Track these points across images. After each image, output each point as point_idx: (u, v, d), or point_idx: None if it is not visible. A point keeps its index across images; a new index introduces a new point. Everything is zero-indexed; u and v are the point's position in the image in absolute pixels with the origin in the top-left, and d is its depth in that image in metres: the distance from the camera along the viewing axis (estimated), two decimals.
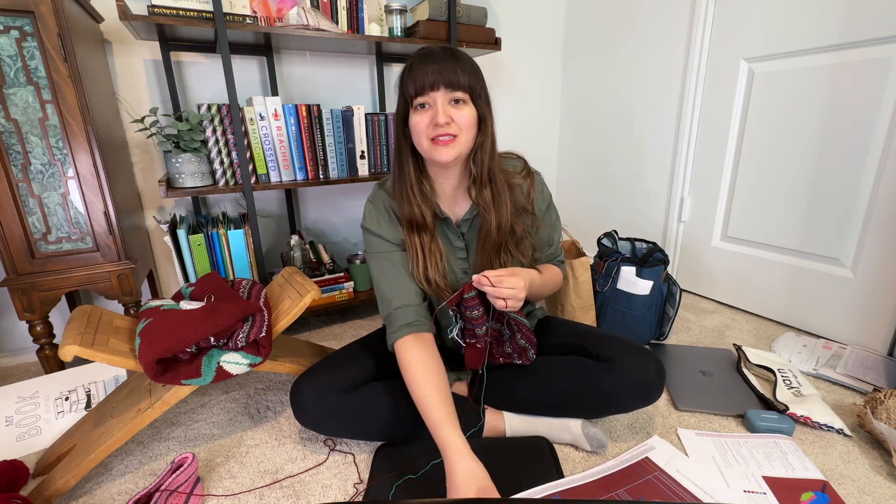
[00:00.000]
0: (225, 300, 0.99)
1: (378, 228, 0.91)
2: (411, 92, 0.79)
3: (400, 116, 0.85)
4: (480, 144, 0.84)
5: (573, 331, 1.02)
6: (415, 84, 0.78)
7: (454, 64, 0.78)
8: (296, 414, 0.91)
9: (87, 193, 1.09)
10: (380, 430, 0.92)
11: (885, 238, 1.23)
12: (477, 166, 0.85)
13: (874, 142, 1.22)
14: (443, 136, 0.79)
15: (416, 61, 0.80)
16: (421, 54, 0.81)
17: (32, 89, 1.00)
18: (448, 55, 0.80)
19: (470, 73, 0.80)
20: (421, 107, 0.80)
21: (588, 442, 0.92)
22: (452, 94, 0.79)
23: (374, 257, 0.93)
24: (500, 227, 0.88)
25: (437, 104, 0.78)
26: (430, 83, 0.77)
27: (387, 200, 0.93)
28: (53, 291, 1.11)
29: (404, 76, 0.81)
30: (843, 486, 0.84)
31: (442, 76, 0.77)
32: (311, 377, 0.92)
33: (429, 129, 0.79)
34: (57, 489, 0.80)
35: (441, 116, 0.77)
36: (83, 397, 1.07)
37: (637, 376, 0.89)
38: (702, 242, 1.71)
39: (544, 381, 0.93)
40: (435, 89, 0.78)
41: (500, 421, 0.96)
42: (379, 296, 0.92)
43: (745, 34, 1.46)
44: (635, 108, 1.85)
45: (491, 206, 0.87)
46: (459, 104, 0.80)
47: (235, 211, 1.59)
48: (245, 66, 1.52)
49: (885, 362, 1.21)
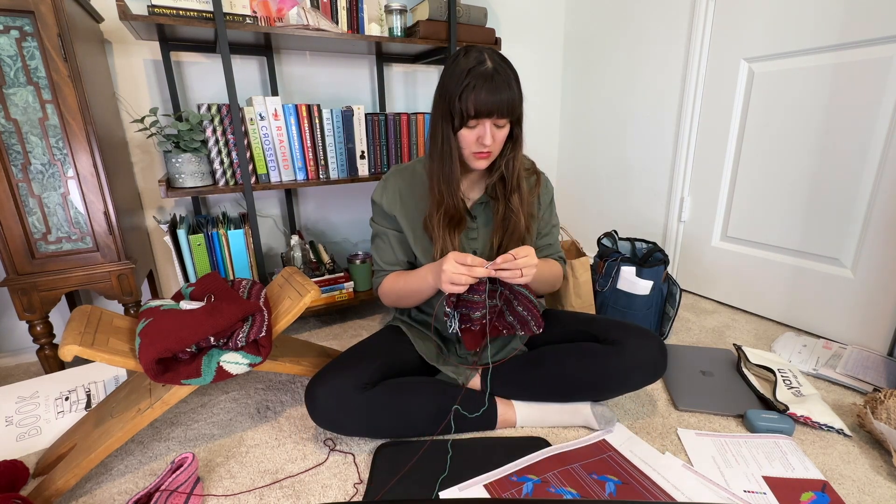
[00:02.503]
0: (225, 300, 0.99)
1: (381, 203, 1.01)
2: (469, 113, 0.84)
3: (447, 116, 0.88)
4: (514, 156, 0.94)
5: (577, 318, 1.09)
6: (475, 110, 0.84)
7: (509, 95, 0.84)
8: (311, 415, 0.91)
9: (87, 193, 1.09)
10: (395, 427, 0.94)
11: (885, 238, 1.23)
12: (509, 173, 0.95)
13: (874, 142, 1.22)
14: (483, 151, 0.89)
15: (477, 83, 0.83)
16: (483, 76, 0.83)
17: (32, 89, 1.00)
18: (505, 84, 0.84)
19: (518, 102, 0.87)
20: (471, 126, 0.87)
21: (597, 421, 0.98)
22: (499, 121, 0.87)
23: (374, 227, 1.06)
24: (527, 224, 0.99)
25: (486, 129, 0.86)
26: (486, 112, 0.84)
27: (401, 185, 1.02)
28: (53, 291, 1.11)
29: (463, 93, 0.84)
30: (843, 486, 0.84)
31: (498, 108, 0.84)
32: (325, 378, 0.92)
33: (474, 144, 0.89)
34: (57, 489, 0.80)
35: (488, 139, 0.87)
36: (83, 397, 1.07)
37: (643, 356, 0.96)
38: (702, 242, 1.71)
39: (554, 367, 0.98)
40: (489, 118, 0.86)
41: (511, 411, 1.00)
42: (373, 256, 1.07)
43: (745, 34, 1.46)
44: (635, 108, 1.85)
45: (520, 210, 0.97)
46: (501, 127, 0.89)
47: (235, 211, 1.59)
48: (245, 66, 1.52)
49: (885, 362, 1.21)
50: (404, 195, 1.01)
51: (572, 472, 0.86)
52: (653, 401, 1.10)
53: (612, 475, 0.85)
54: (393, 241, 1.03)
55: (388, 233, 1.03)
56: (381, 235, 1.04)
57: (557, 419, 1.00)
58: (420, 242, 1.01)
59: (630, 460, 0.90)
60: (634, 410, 1.07)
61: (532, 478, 0.84)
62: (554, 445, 0.93)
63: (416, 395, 0.94)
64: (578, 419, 0.99)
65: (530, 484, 0.82)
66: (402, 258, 1.04)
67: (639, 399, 1.11)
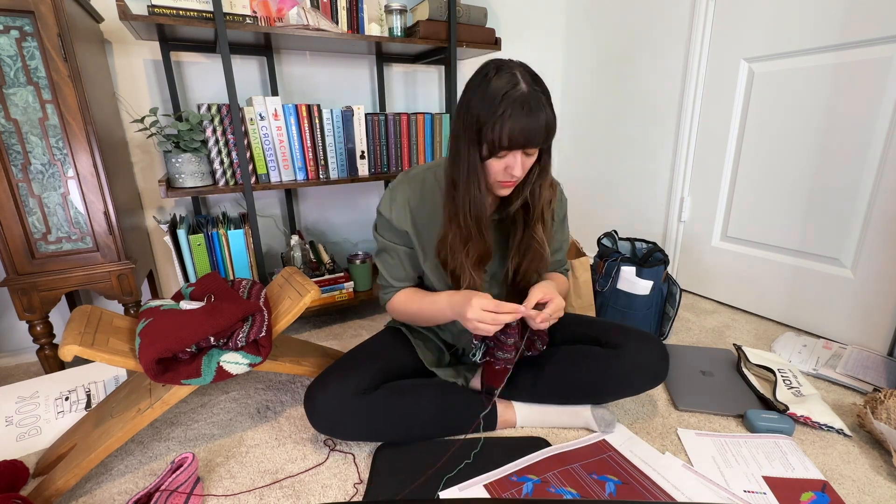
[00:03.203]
0: (225, 300, 0.99)
1: (390, 218, 0.94)
2: (503, 144, 0.77)
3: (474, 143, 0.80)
4: (541, 184, 0.88)
5: (578, 321, 1.07)
6: (509, 141, 0.76)
7: (546, 122, 0.77)
8: (311, 421, 0.90)
9: (87, 193, 1.09)
10: (396, 431, 0.93)
11: (885, 238, 1.23)
12: (535, 200, 0.89)
13: (874, 142, 1.22)
14: (510, 181, 0.83)
15: (513, 112, 0.74)
16: (518, 102, 0.74)
17: (32, 89, 1.00)
18: (541, 111, 0.76)
19: (553, 127, 0.79)
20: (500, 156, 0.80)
21: (597, 423, 0.98)
22: (530, 150, 0.80)
23: (381, 240, 0.99)
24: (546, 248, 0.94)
25: (517, 159, 0.79)
26: (521, 144, 0.77)
27: (410, 197, 0.94)
28: (53, 291, 1.11)
29: (496, 123, 0.75)
30: (843, 486, 0.84)
31: (534, 139, 0.77)
32: (324, 383, 0.91)
33: (502, 173, 0.82)
34: (57, 489, 0.80)
35: (518, 170, 0.80)
36: (83, 397, 1.07)
37: (644, 360, 0.95)
38: (702, 242, 1.71)
39: (556, 370, 0.98)
40: (523, 148, 0.78)
41: (511, 412, 1.00)
42: (380, 269, 1.01)
43: (745, 34, 1.46)
44: (635, 108, 1.85)
45: (544, 241, 0.92)
46: (531, 155, 0.82)
47: (235, 211, 1.59)
48: (245, 66, 1.52)
49: (885, 362, 1.21)
50: (415, 209, 0.94)
51: (572, 472, 0.86)
52: (653, 401, 1.10)
53: (612, 475, 0.85)
54: (403, 256, 0.97)
55: (398, 249, 0.97)
56: (390, 251, 0.97)
57: (557, 420, 1.00)
58: (432, 263, 0.96)
59: (630, 460, 0.90)
60: (634, 410, 1.07)
61: (532, 478, 0.84)
62: (554, 445, 0.94)
63: (416, 398, 0.94)
64: (579, 421, 0.99)
65: (530, 484, 0.82)
66: (413, 274, 1.00)
67: (639, 399, 1.11)
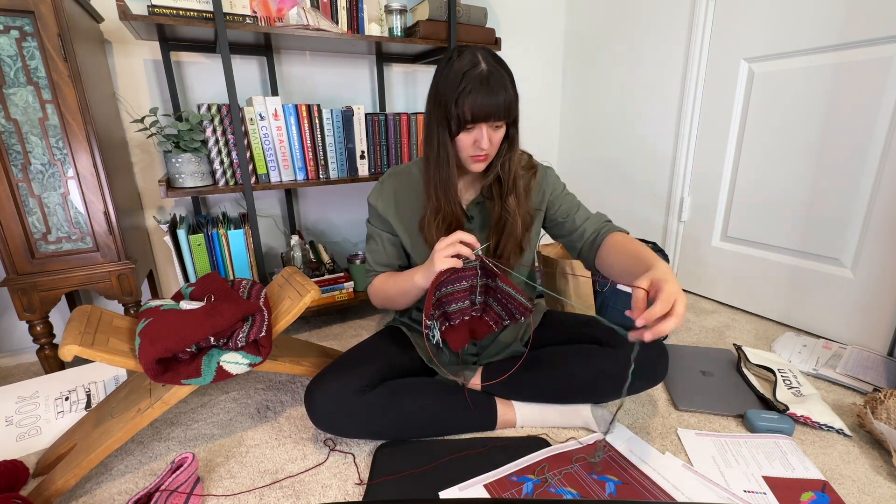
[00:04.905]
0: (225, 300, 0.99)
1: (376, 206, 1.01)
2: (466, 118, 0.83)
3: (442, 121, 0.86)
4: (510, 157, 0.92)
5: (577, 320, 1.08)
6: (471, 115, 0.83)
7: (505, 97, 0.83)
8: (311, 418, 0.91)
9: (87, 193, 1.09)
10: (395, 429, 0.94)
11: (885, 238, 1.23)
12: (505, 174, 0.93)
13: (874, 142, 1.22)
14: (480, 155, 0.88)
15: (473, 87, 0.81)
16: (478, 79, 0.81)
17: (32, 89, 1.00)
18: (501, 86, 0.82)
19: (514, 103, 0.86)
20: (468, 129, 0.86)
21: (597, 423, 0.98)
22: (496, 123, 0.86)
23: (369, 227, 1.06)
24: (524, 226, 0.97)
25: (483, 132, 0.85)
26: (483, 117, 0.83)
27: (397, 188, 1.01)
28: (53, 291, 1.11)
29: (458, 98, 0.82)
30: (843, 486, 0.84)
31: (495, 112, 0.83)
32: (324, 381, 0.92)
33: (471, 148, 0.88)
34: (57, 489, 0.80)
35: (485, 143, 0.85)
36: (83, 397, 1.07)
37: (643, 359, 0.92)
38: (702, 242, 1.71)
39: (555, 369, 0.98)
40: (486, 122, 0.84)
41: (511, 411, 1.00)
42: (366, 256, 1.07)
43: (745, 34, 1.46)
44: (635, 108, 1.85)
45: (516, 213, 0.95)
46: (498, 129, 0.87)
47: (235, 211, 1.59)
48: (245, 66, 1.52)
49: (885, 362, 1.21)
50: (399, 198, 1.00)
51: (572, 472, 0.86)
52: (653, 401, 1.10)
53: (612, 475, 0.85)
54: (386, 243, 1.03)
55: (383, 235, 1.03)
56: (375, 237, 1.04)
57: (557, 420, 1.00)
58: (416, 246, 1.00)
59: (630, 460, 0.90)
60: (634, 410, 1.07)
61: (532, 478, 0.84)
62: (554, 445, 0.94)
63: (415, 396, 0.94)
64: (578, 420, 0.99)
65: (530, 484, 0.82)
66: (394, 261, 1.04)
67: (639, 399, 1.11)
